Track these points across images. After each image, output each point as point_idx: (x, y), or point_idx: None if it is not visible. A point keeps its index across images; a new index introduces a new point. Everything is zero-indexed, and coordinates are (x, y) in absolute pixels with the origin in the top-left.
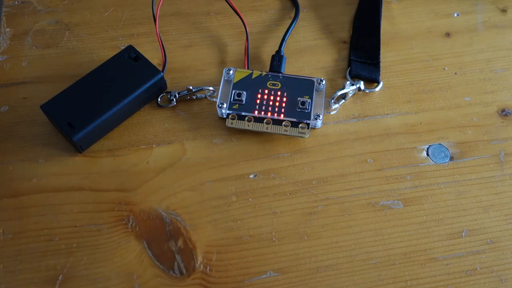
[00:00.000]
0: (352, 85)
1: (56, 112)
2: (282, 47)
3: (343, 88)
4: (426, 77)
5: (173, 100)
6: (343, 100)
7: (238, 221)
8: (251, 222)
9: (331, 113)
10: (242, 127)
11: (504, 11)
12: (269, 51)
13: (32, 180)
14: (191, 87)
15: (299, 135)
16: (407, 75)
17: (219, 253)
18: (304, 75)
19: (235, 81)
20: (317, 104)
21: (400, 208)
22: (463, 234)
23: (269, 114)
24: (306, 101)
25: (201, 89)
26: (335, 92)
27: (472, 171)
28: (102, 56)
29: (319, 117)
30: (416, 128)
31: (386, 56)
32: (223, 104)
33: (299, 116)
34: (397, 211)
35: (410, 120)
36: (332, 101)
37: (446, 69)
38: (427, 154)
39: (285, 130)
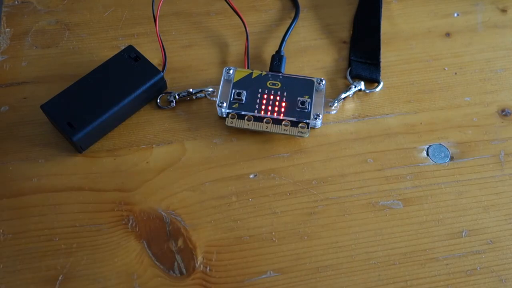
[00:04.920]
0: (355, 87)
1: (56, 112)
2: (282, 47)
3: (348, 90)
4: (426, 77)
5: (172, 101)
6: (343, 100)
7: (238, 221)
8: (251, 222)
9: (331, 113)
10: (242, 126)
11: (504, 11)
12: (269, 51)
13: (32, 180)
14: (191, 90)
15: (299, 134)
16: (407, 75)
17: (219, 253)
18: (304, 75)
19: (235, 80)
20: (317, 104)
21: (400, 208)
22: (463, 234)
23: (268, 113)
24: (306, 100)
25: (201, 91)
26: (339, 95)
27: (472, 171)
28: (102, 56)
29: (319, 116)
30: (416, 128)
31: (386, 56)
32: (223, 103)
33: (299, 116)
34: (397, 211)
35: (410, 120)
36: (335, 103)
37: (446, 69)
38: (427, 154)
39: (284, 130)
